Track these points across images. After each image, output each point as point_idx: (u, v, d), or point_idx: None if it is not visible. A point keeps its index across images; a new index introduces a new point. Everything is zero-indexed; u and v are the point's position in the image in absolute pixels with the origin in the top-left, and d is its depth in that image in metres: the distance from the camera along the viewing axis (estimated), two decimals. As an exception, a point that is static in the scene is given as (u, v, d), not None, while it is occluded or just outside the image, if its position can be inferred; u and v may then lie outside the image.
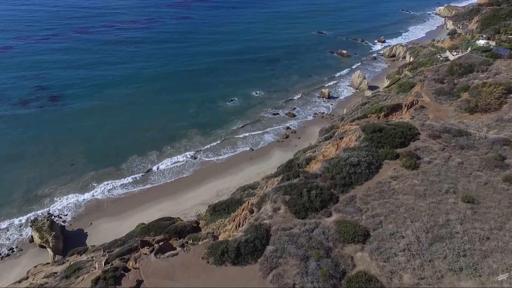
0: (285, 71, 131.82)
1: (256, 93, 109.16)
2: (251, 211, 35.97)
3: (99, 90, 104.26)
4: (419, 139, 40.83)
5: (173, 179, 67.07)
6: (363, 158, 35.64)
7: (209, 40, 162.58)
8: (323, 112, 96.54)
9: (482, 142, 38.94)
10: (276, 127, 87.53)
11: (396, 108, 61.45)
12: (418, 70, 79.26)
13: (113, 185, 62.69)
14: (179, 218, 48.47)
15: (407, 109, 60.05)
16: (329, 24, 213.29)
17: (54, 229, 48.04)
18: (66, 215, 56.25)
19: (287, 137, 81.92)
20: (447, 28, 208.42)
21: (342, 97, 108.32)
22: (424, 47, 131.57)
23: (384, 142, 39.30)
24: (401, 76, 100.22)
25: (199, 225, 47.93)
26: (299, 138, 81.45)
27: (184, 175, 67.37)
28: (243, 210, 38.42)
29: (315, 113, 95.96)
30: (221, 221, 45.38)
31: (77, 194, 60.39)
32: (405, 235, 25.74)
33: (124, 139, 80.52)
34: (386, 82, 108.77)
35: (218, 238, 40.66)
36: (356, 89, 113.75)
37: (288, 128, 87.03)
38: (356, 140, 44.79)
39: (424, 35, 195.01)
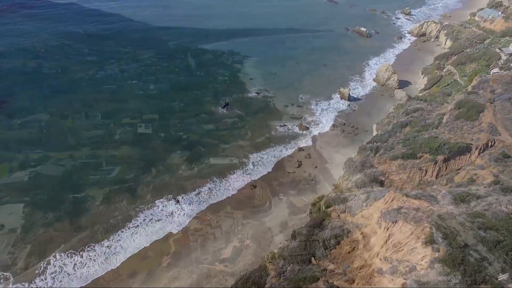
0: (291, 58, 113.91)
1: (256, 93, 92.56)
2: None
3: (55, 94, 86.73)
4: (539, 259, 26.29)
5: (143, 248, 51.65)
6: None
7: (193, 17, 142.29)
8: (344, 124, 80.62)
9: None
10: (284, 149, 72.01)
11: (463, 150, 46.05)
12: (477, 78, 62.53)
13: (65, 270, 47.85)
14: None
15: (478, 153, 44.93)
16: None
17: None
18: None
19: (299, 165, 66.86)
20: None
21: (365, 99, 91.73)
22: (465, 26, 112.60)
23: (486, 274, 24.71)
24: (443, 74, 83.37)
25: None
26: (316, 167, 66.55)
27: (158, 245, 52.06)
28: None
29: (334, 125, 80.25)
30: None
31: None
32: None
33: (83, 172, 65.02)
34: (422, 78, 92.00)
35: None
36: (382, 85, 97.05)
37: (300, 149, 71.84)
38: (422, 244, 30.26)
39: (460, 5, 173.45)
